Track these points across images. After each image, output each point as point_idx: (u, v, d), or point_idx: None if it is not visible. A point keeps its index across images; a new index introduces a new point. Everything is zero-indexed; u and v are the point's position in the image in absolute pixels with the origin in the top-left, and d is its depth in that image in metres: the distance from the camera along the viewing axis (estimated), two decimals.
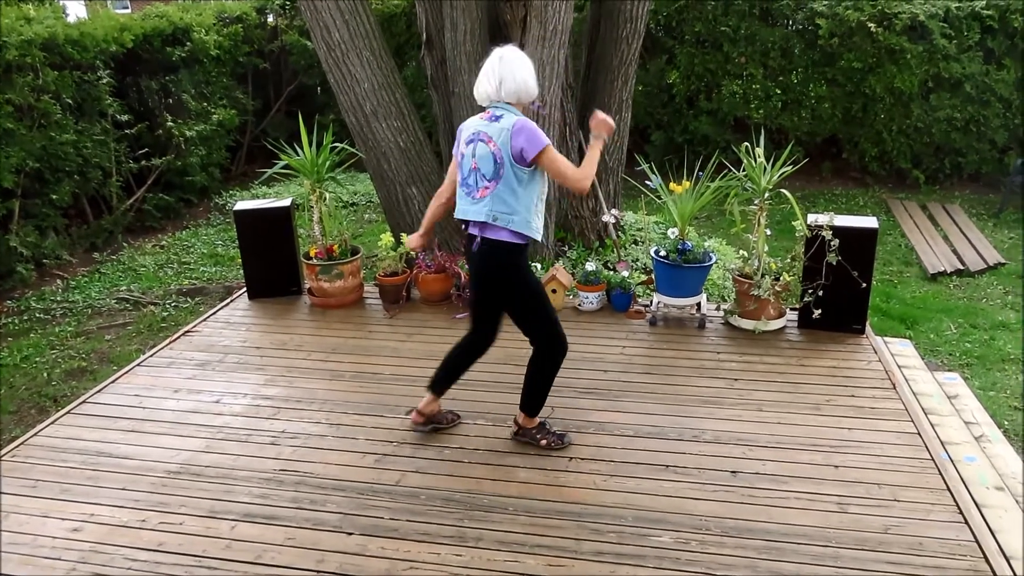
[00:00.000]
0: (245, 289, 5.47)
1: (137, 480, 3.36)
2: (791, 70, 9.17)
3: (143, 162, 8.21)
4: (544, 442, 3.50)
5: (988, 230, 7.69)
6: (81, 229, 7.71)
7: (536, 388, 3.47)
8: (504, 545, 2.89)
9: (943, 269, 6.68)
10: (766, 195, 4.51)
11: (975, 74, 8.49)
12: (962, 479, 3.56)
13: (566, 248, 6.29)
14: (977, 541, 2.85)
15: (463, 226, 3.35)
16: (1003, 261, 6.84)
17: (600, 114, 3.33)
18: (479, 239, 3.26)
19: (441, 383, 3.62)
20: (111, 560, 2.88)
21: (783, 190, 4.57)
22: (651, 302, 4.91)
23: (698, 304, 4.78)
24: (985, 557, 2.77)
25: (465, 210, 3.29)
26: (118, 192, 7.96)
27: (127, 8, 16.63)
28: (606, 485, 3.24)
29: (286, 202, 5.33)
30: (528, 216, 3.22)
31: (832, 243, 4.32)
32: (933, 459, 3.35)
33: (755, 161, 4.48)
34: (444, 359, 3.61)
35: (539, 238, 3.35)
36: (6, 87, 6.56)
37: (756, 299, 4.54)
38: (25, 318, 6.22)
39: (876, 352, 4.34)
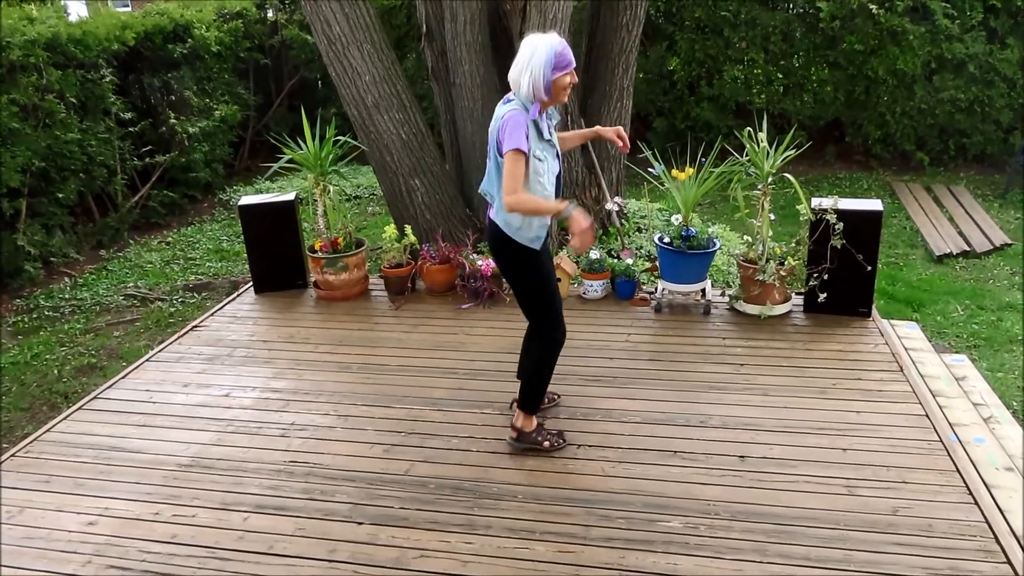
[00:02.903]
0: (251, 283, 5.49)
1: (149, 473, 3.39)
2: (792, 54, 9.13)
3: (147, 159, 8.25)
4: (547, 444, 3.40)
5: (994, 211, 7.66)
6: (87, 227, 7.74)
7: (533, 381, 3.39)
8: (513, 532, 2.91)
9: (949, 251, 6.67)
10: (769, 180, 4.50)
11: (978, 54, 8.44)
12: (971, 460, 3.57)
13: (569, 237, 6.29)
14: (987, 521, 2.86)
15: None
16: (1009, 242, 6.82)
17: (586, 231, 3.05)
18: (487, 214, 3.31)
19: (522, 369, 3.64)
20: (125, 552, 2.91)
21: (786, 174, 4.56)
22: (656, 289, 4.91)
23: (703, 290, 4.79)
24: (995, 537, 2.78)
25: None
26: (123, 190, 7.99)
27: (128, 6, 16.63)
28: (614, 471, 3.25)
29: (290, 196, 5.34)
30: (503, 211, 3.09)
31: (837, 227, 4.31)
32: (942, 441, 3.35)
33: (758, 146, 4.47)
34: (522, 347, 3.63)
35: (522, 241, 3.16)
36: (11, 87, 6.58)
37: (761, 284, 4.53)
38: (34, 316, 6.26)
39: (883, 335, 4.34)
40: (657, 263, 4.92)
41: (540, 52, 3.02)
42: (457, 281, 5.18)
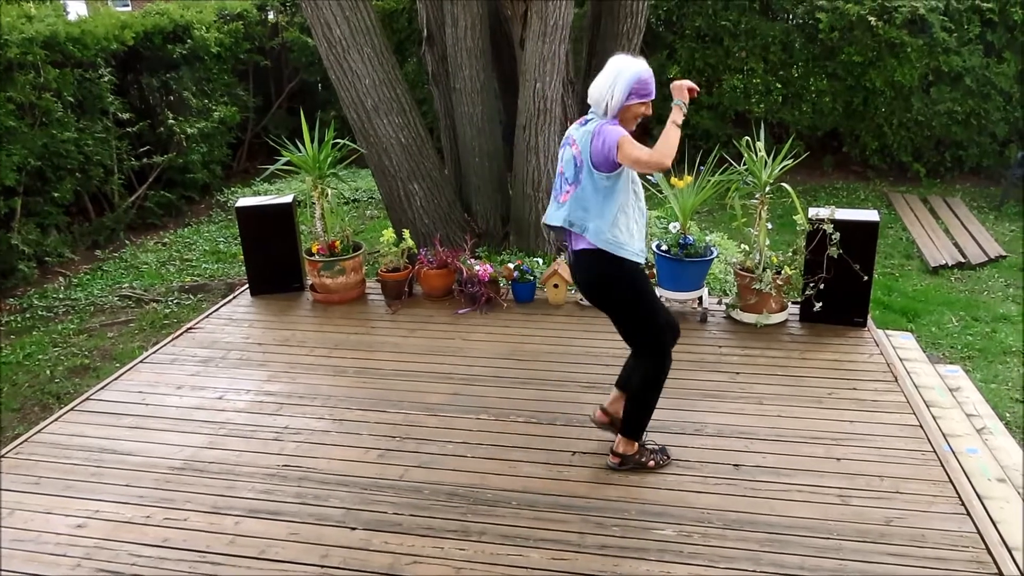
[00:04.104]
0: (247, 286, 5.47)
1: (141, 476, 3.37)
2: (792, 64, 9.17)
3: (144, 159, 8.23)
4: (652, 463, 3.30)
5: (989, 223, 7.69)
6: (83, 227, 7.72)
7: (636, 407, 3.26)
8: (508, 539, 2.90)
9: (944, 262, 6.68)
10: (767, 189, 4.51)
11: (975, 67, 8.48)
12: (964, 471, 3.57)
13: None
14: (979, 532, 2.86)
15: (549, 232, 3.24)
16: (1004, 254, 6.85)
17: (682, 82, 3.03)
18: (571, 250, 3.22)
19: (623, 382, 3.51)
20: (116, 556, 2.89)
21: (784, 184, 4.57)
22: None
23: (700, 298, 4.79)
24: (987, 548, 2.78)
25: (550, 215, 3.24)
26: (120, 190, 7.97)
27: (127, 6, 16.63)
28: (609, 479, 3.24)
29: (288, 199, 5.33)
30: (603, 226, 3.04)
31: (833, 236, 4.32)
32: (935, 451, 3.36)
33: (756, 155, 4.48)
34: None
35: (629, 255, 3.08)
36: (8, 85, 6.56)
37: (757, 293, 4.54)
38: (28, 316, 6.24)
39: (878, 345, 4.35)
40: (654, 270, 4.92)
41: (625, 73, 3.00)
42: (455, 286, 5.18)
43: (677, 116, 3.01)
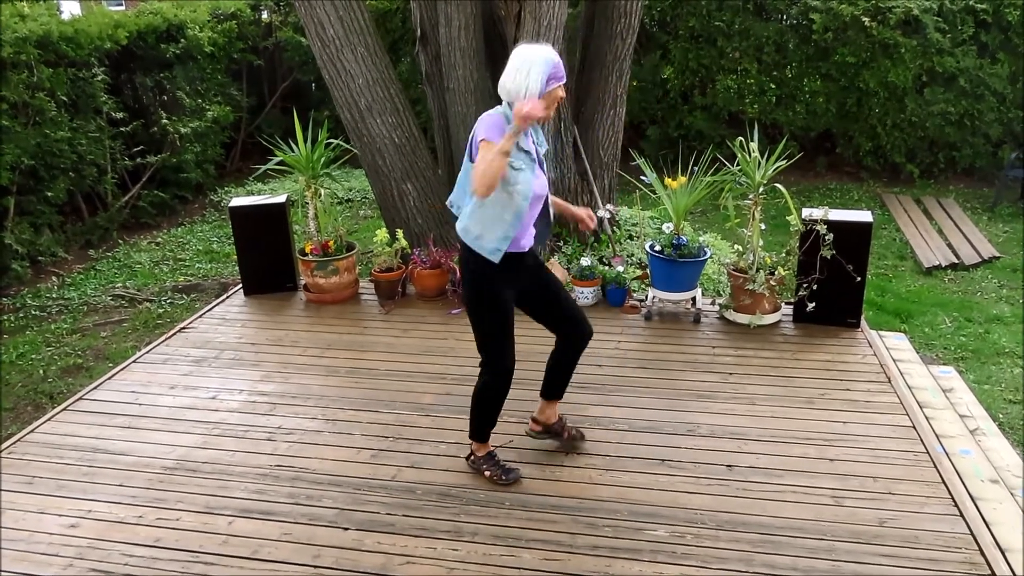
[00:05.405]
0: (240, 285, 5.46)
1: (133, 476, 3.36)
2: (785, 65, 9.18)
3: (138, 159, 8.20)
4: (488, 473, 3.24)
5: (983, 224, 7.71)
6: (76, 226, 7.69)
7: (473, 410, 3.22)
8: (500, 539, 2.90)
9: (938, 263, 6.70)
10: (760, 190, 4.52)
11: (969, 68, 8.50)
12: (957, 472, 3.58)
13: (561, 243, 6.30)
14: (972, 533, 2.87)
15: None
16: (997, 255, 6.87)
17: (528, 112, 2.76)
18: None
19: (546, 388, 3.43)
20: (108, 556, 2.88)
21: (777, 185, 4.58)
22: (646, 297, 4.91)
23: (693, 299, 4.79)
24: (980, 549, 2.78)
25: None
26: (113, 189, 7.95)
27: (121, 5, 16.58)
28: (601, 479, 3.24)
29: (281, 198, 5.32)
30: (465, 217, 3.00)
31: (827, 237, 4.33)
32: (928, 452, 3.37)
33: (749, 156, 4.49)
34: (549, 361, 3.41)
35: (475, 246, 2.99)
36: (1, 84, 6.54)
37: (751, 293, 4.54)
38: (21, 315, 6.22)
39: (871, 346, 4.35)
40: (648, 271, 4.92)
41: (538, 61, 2.87)
42: (448, 286, 5.17)
43: (506, 143, 2.79)
